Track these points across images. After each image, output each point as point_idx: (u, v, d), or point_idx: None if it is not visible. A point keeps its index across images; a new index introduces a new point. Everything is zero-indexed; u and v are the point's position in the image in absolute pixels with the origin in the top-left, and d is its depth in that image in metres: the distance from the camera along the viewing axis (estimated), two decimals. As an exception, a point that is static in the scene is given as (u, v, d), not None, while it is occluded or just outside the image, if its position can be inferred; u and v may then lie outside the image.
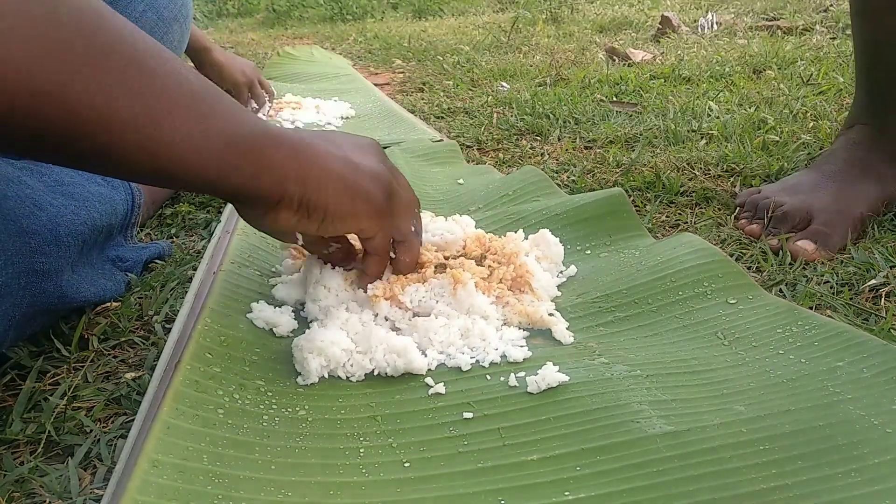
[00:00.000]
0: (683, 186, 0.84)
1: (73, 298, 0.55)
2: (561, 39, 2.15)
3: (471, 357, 0.47)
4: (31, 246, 0.50)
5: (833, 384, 0.41)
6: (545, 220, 0.68)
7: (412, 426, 0.41)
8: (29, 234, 0.50)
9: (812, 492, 0.34)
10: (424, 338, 0.48)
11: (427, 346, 0.47)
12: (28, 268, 0.50)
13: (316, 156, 0.43)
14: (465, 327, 0.48)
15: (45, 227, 0.52)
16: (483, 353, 0.47)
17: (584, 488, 0.35)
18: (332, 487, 0.36)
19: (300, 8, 3.72)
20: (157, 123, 0.36)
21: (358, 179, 0.45)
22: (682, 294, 0.53)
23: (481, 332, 0.48)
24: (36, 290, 0.51)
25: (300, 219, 0.43)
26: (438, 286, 0.51)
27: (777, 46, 1.71)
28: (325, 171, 0.43)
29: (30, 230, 0.51)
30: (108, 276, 0.62)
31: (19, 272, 0.49)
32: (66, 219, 0.55)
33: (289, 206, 0.42)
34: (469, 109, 1.33)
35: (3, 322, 0.48)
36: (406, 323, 0.49)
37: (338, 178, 0.44)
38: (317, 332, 0.46)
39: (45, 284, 0.51)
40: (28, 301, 0.50)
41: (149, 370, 0.51)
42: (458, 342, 0.48)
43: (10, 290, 0.48)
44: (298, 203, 0.42)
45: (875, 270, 0.61)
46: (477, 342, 0.48)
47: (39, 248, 0.51)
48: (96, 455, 0.43)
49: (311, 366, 0.44)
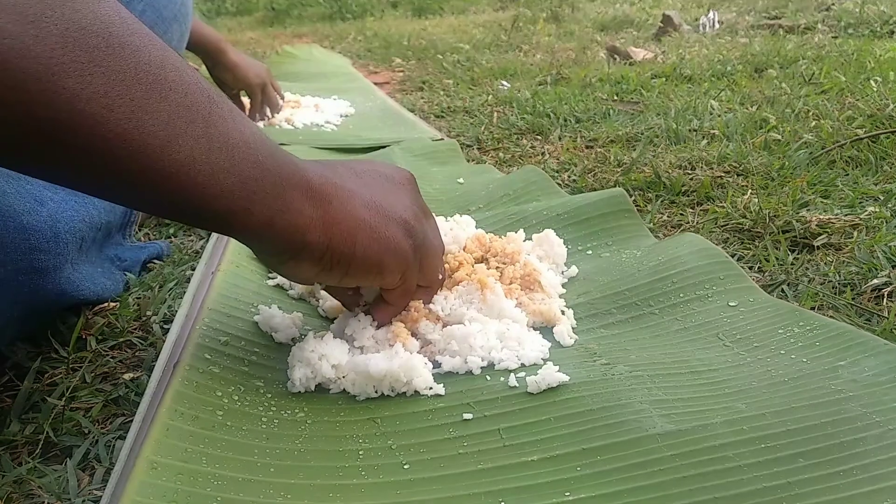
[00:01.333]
0: (685, 186, 0.84)
1: (72, 296, 0.55)
2: (562, 38, 2.14)
3: (517, 357, 0.46)
4: (30, 243, 0.50)
5: (835, 383, 0.41)
6: (546, 219, 0.68)
7: (412, 428, 0.41)
8: (28, 231, 0.50)
9: (813, 490, 0.34)
10: (464, 345, 0.46)
11: (468, 353, 0.46)
12: (27, 265, 0.49)
13: (344, 201, 0.40)
14: (501, 331, 0.48)
15: (44, 224, 0.51)
16: (520, 355, 0.46)
17: (584, 488, 0.35)
18: (331, 489, 0.35)
19: (299, 6, 3.72)
20: (166, 147, 0.33)
21: (388, 229, 0.41)
22: (684, 295, 0.53)
23: (517, 336, 0.48)
24: (34, 288, 0.50)
25: (322, 270, 0.40)
26: (465, 292, 0.51)
27: (779, 45, 1.70)
28: (353, 220, 0.40)
29: (29, 226, 0.50)
30: (108, 275, 0.62)
31: (18, 269, 0.49)
32: (65, 215, 0.54)
33: (310, 257, 0.39)
34: (469, 108, 1.32)
35: (0, 319, 0.48)
36: (439, 334, 0.48)
37: (367, 228, 0.40)
38: (309, 343, 0.45)
39: (43, 282, 0.51)
40: (26, 298, 0.50)
41: (147, 371, 0.51)
42: (498, 345, 0.47)
43: (7, 287, 0.48)
44: (321, 254, 0.39)
45: (877, 270, 0.61)
46: (514, 345, 0.47)
47: (38, 245, 0.50)
48: (95, 456, 0.43)
49: (295, 375, 0.44)
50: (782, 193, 0.79)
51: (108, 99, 0.31)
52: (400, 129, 1.18)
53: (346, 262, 0.40)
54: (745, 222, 0.72)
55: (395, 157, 0.94)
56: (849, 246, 0.66)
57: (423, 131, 1.13)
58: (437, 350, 0.47)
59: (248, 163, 0.36)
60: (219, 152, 0.34)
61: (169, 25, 0.84)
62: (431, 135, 1.09)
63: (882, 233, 0.67)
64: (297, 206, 0.38)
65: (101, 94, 0.30)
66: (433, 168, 0.93)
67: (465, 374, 0.46)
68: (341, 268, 0.40)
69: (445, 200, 0.80)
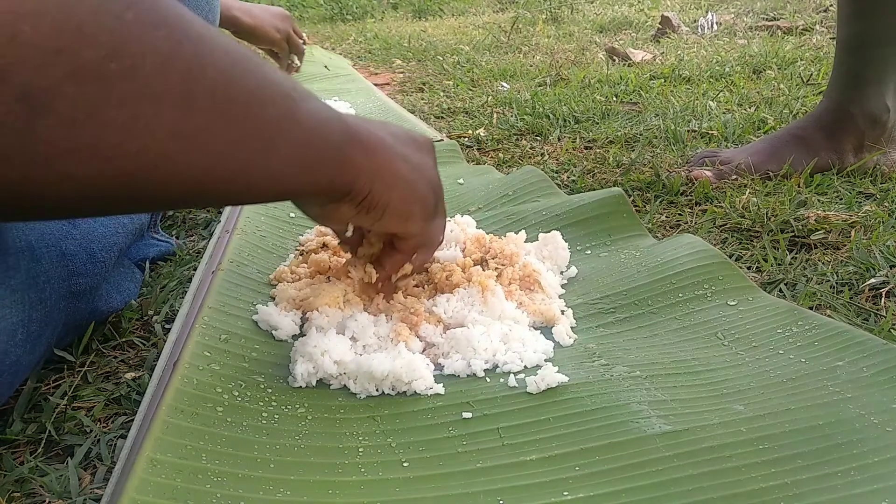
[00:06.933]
0: (683, 186, 0.84)
1: (101, 311, 0.55)
2: (561, 39, 2.15)
3: (520, 360, 0.46)
4: (69, 268, 0.50)
5: (833, 383, 0.41)
6: (545, 220, 0.68)
7: (411, 426, 0.41)
8: (68, 257, 0.50)
9: (811, 490, 0.34)
10: (467, 347, 0.47)
11: (471, 356, 0.46)
12: (66, 291, 0.50)
13: (385, 154, 0.43)
14: (504, 333, 0.48)
15: (80, 247, 0.52)
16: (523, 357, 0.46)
17: (583, 488, 0.35)
18: (331, 486, 0.36)
19: (300, 8, 3.72)
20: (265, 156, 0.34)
21: (419, 183, 0.45)
22: (683, 295, 0.53)
23: (521, 337, 0.48)
24: (72, 311, 0.51)
25: (359, 213, 0.43)
26: (467, 295, 0.51)
27: (777, 46, 1.71)
28: (392, 171, 0.43)
29: (68, 252, 0.51)
30: (130, 276, 0.62)
31: (60, 296, 0.49)
32: (98, 233, 0.54)
33: (352, 201, 0.42)
34: (469, 109, 1.33)
35: (43, 344, 0.48)
36: (442, 336, 0.48)
37: (402, 178, 0.44)
38: (312, 338, 0.45)
39: (79, 304, 0.52)
40: (63, 321, 0.50)
41: (149, 370, 0.51)
42: (502, 348, 0.47)
43: (52, 316, 0.48)
44: (362, 199, 0.42)
45: (875, 270, 0.61)
46: (518, 346, 0.47)
47: (76, 269, 0.51)
48: (96, 455, 0.43)
49: (297, 370, 0.44)
50: (780, 192, 0.80)
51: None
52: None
53: (382, 207, 0.43)
54: (744, 222, 0.72)
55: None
56: (847, 245, 0.66)
57: (423, 132, 1.13)
58: (441, 353, 0.47)
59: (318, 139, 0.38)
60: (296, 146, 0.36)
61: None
62: (431, 135, 1.09)
63: (879, 232, 0.67)
64: (353, 160, 0.40)
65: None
66: (433, 169, 0.93)
67: (468, 376, 0.46)
68: (377, 212, 0.43)
69: (446, 201, 0.80)
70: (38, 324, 0.47)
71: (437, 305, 0.50)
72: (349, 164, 0.40)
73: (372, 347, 0.46)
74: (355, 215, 0.43)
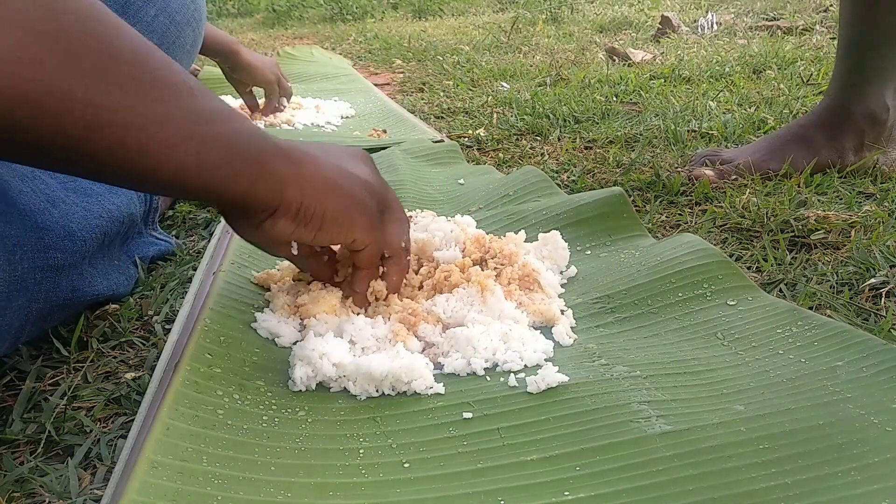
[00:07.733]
0: (683, 186, 0.84)
1: (85, 293, 0.56)
2: (561, 39, 2.15)
3: (520, 359, 0.46)
4: (45, 241, 0.51)
5: (833, 383, 0.41)
6: (545, 220, 0.68)
7: (412, 426, 0.41)
8: (43, 230, 0.51)
9: (811, 490, 0.34)
10: (467, 347, 0.47)
11: (471, 355, 0.46)
12: (43, 263, 0.51)
13: (313, 164, 0.44)
14: (504, 332, 0.48)
15: (57, 224, 0.53)
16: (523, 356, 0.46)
17: (583, 488, 0.35)
18: (331, 488, 0.36)
19: (300, 8, 3.72)
20: (159, 125, 0.35)
21: (353, 188, 0.45)
22: (683, 295, 0.53)
23: (520, 336, 0.48)
24: (51, 286, 0.52)
25: (297, 226, 0.43)
26: (466, 295, 0.51)
27: (777, 46, 1.71)
28: (322, 178, 0.43)
29: (44, 226, 0.52)
30: (122, 270, 0.63)
31: (35, 267, 0.50)
32: (77, 215, 0.56)
33: (286, 213, 0.42)
34: (469, 109, 1.33)
35: (20, 316, 0.49)
36: (441, 336, 0.48)
37: (335, 185, 0.44)
38: (310, 341, 0.45)
39: (59, 279, 0.53)
40: (44, 296, 0.51)
41: (149, 370, 0.51)
42: (502, 347, 0.47)
43: (25, 285, 0.49)
44: (297, 210, 0.42)
45: (875, 270, 0.61)
46: (517, 345, 0.47)
47: (53, 243, 0.52)
48: (96, 455, 0.43)
49: (297, 374, 0.44)
50: (780, 192, 0.80)
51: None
52: (400, 130, 1.18)
53: (319, 217, 0.43)
54: (744, 222, 0.72)
55: (396, 158, 0.94)
56: (847, 245, 0.66)
57: (424, 132, 1.13)
58: (441, 352, 0.47)
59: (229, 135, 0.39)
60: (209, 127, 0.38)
61: (182, 30, 0.84)
62: (432, 136, 1.09)
63: (879, 232, 0.67)
64: (275, 167, 0.41)
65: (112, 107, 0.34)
66: (433, 169, 0.93)
67: (468, 375, 0.46)
68: (315, 222, 0.43)
69: (446, 201, 0.80)
70: (5, 284, 0.47)
71: (437, 305, 0.50)
72: (269, 171, 0.41)
73: (370, 350, 0.46)
74: (294, 230, 0.43)
